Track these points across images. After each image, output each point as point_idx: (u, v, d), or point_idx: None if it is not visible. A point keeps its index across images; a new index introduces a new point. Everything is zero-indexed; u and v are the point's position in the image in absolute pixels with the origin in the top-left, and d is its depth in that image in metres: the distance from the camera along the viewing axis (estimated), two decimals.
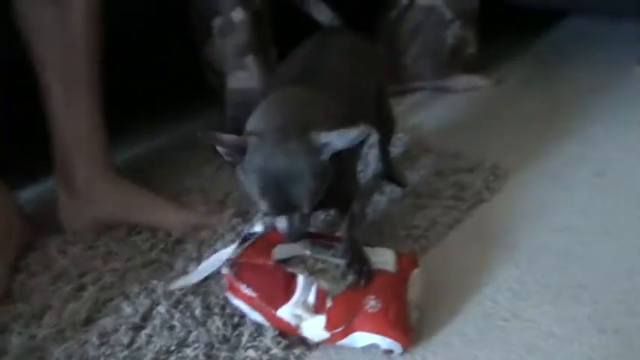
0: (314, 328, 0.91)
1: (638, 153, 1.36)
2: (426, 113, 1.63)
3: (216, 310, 1.00)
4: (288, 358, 0.91)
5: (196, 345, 0.94)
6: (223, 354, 0.92)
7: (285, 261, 0.96)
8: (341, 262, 0.95)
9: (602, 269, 1.04)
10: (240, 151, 0.89)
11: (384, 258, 0.96)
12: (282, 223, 0.91)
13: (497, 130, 1.51)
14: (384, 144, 1.30)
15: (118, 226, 1.23)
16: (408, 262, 0.97)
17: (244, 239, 1.02)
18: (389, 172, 1.31)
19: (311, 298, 0.91)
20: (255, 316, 0.95)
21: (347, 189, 1.03)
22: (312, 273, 0.93)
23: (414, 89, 1.74)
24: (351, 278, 0.93)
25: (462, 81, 1.75)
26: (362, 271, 0.94)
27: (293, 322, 0.91)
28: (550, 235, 1.13)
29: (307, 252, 0.96)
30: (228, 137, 0.90)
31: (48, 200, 1.31)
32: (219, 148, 0.90)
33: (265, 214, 0.96)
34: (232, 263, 0.97)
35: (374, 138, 1.33)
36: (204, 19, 1.43)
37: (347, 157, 0.98)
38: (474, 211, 1.21)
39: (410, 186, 1.28)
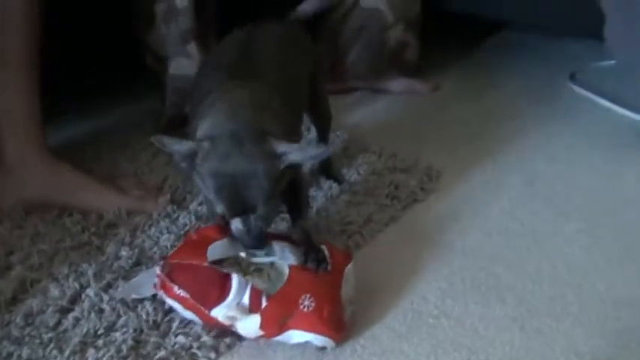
0: (249, 327, 0.90)
1: (563, 164, 1.41)
2: (364, 113, 1.65)
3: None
4: (219, 346, 0.91)
5: (125, 330, 0.93)
6: (152, 339, 0.91)
7: (220, 262, 0.93)
8: (276, 259, 0.94)
9: (527, 273, 1.08)
10: (192, 156, 0.88)
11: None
12: (237, 225, 0.90)
13: (433, 133, 1.55)
14: (321, 137, 1.31)
15: (49, 207, 1.20)
16: (341, 257, 0.98)
17: None
18: (327, 168, 1.32)
19: (246, 299, 0.90)
20: (188, 314, 0.93)
21: (296, 186, 1.03)
22: (247, 273, 0.92)
23: (354, 89, 1.76)
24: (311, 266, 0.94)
25: (401, 84, 1.78)
26: (319, 259, 0.95)
27: (227, 322, 0.90)
28: (481, 237, 1.17)
29: (242, 253, 0.94)
30: (180, 145, 0.89)
31: None
32: (176, 156, 0.91)
33: (221, 217, 0.94)
34: (164, 264, 0.95)
35: (312, 134, 1.34)
36: (148, 3, 1.42)
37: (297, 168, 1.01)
38: (408, 210, 1.24)
39: (347, 183, 1.30)
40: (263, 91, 0.98)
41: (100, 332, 0.92)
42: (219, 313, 0.90)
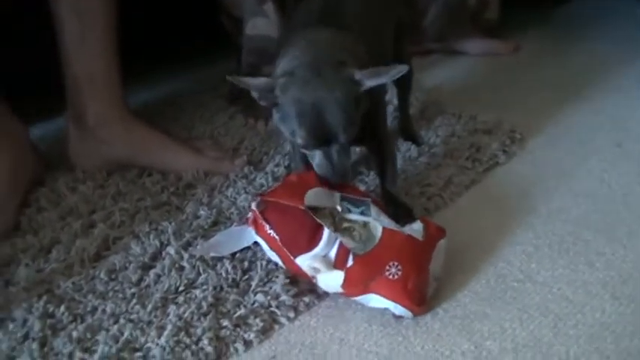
0: (330, 282, 0.88)
1: None
2: (443, 75, 1.61)
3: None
4: (298, 305, 0.91)
5: (205, 287, 0.93)
6: (232, 297, 0.91)
7: (315, 209, 0.90)
8: (370, 220, 0.90)
9: (618, 238, 1.03)
10: (271, 90, 0.89)
11: (411, 225, 0.92)
12: (319, 158, 0.91)
13: (515, 95, 1.49)
14: (403, 95, 1.28)
15: (129, 168, 1.22)
16: (435, 231, 0.93)
17: None
18: (406, 128, 1.29)
19: (332, 253, 0.88)
20: (273, 255, 0.93)
21: (377, 130, 1.02)
22: (339, 229, 0.89)
23: (432, 51, 1.72)
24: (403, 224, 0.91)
25: (480, 45, 1.73)
26: (407, 215, 0.94)
27: (310, 272, 0.89)
28: (567, 201, 1.12)
29: (338, 207, 0.90)
30: (257, 80, 0.90)
31: (58, 138, 1.30)
32: (253, 93, 0.90)
33: (303, 147, 0.93)
34: (260, 201, 0.94)
35: (390, 94, 1.31)
36: None
37: (377, 99, 1.00)
38: (489, 173, 1.20)
39: (426, 145, 1.26)
40: (346, 36, 0.97)
41: (180, 289, 0.93)
42: (304, 262, 0.89)
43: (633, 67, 1.59)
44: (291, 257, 0.89)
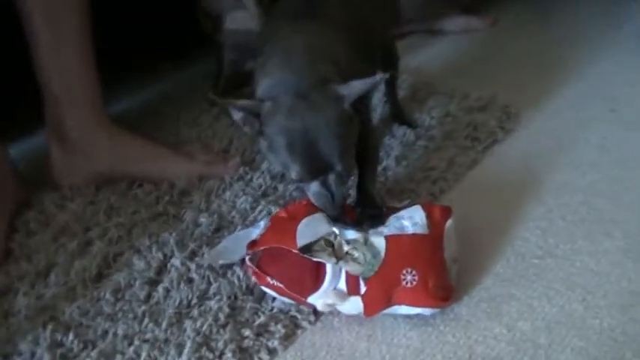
0: (351, 308, 0.84)
1: None
2: (425, 55, 1.59)
3: None
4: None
5: (219, 297, 0.89)
6: (249, 305, 0.87)
7: (310, 247, 0.83)
8: (367, 234, 0.85)
9: (628, 203, 1.01)
10: (255, 115, 0.83)
11: (413, 220, 0.86)
12: (315, 189, 0.85)
13: (502, 69, 1.47)
14: (391, 80, 1.24)
15: (118, 180, 1.16)
16: (439, 215, 0.88)
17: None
18: (398, 114, 1.26)
19: (342, 284, 0.83)
20: (286, 300, 0.87)
21: (366, 136, 0.96)
22: (340, 257, 0.83)
23: (409, 32, 1.69)
24: (367, 228, 0.86)
25: (458, 22, 1.72)
26: (374, 216, 0.89)
27: (326, 309, 0.85)
28: (572, 171, 1.10)
29: (334, 229, 0.84)
30: (241, 102, 0.85)
31: (37, 156, 1.24)
32: (235, 117, 0.85)
33: (297, 181, 0.87)
34: (253, 254, 0.87)
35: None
36: None
37: (363, 103, 0.95)
38: (490, 151, 1.17)
39: (422, 128, 1.23)
40: (326, 34, 0.92)
41: (193, 302, 0.89)
42: (317, 301, 0.84)
43: (615, 31, 1.59)
44: (303, 299, 0.85)
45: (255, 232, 0.93)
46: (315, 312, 0.87)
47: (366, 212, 0.91)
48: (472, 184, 1.10)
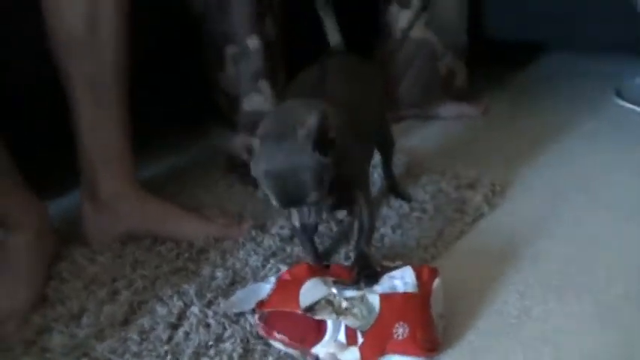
0: (350, 357, 0.96)
1: (618, 171, 1.49)
2: (419, 137, 1.74)
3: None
4: None
5: (233, 340, 1.01)
6: (260, 347, 0.99)
7: (312, 307, 0.96)
8: (365, 292, 0.98)
9: (598, 272, 1.14)
10: (249, 152, 0.98)
11: (404, 280, 1.00)
12: (294, 216, 1.05)
13: (489, 151, 1.63)
14: (387, 162, 1.40)
15: (142, 238, 1.29)
16: (427, 275, 1.02)
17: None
18: (394, 188, 1.40)
19: (341, 336, 0.96)
20: (291, 351, 0.99)
21: (356, 194, 1.10)
22: (340, 313, 0.95)
23: (406, 117, 1.84)
24: (363, 286, 0.99)
25: (452, 109, 1.86)
26: (369, 276, 1.02)
27: (328, 358, 0.97)
28: (548, 242, 1.23)
29: (333, 290, 0.98)
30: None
31: (68, 214, 1.37)
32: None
33: (278, 208, 1.02)
34: (262, 313, 1.01)
35: (376, 158, 1.43)
36: (218, 46, 1.51)
37: (359, 165, 1.11)
38: (477, 224, 1.31)
39: (416, 202, 1.37)
40: (322, 104, 1.01)
41: (210, 344, 1.01)
42: (320, 350, 0.96)
43: (594, 117, 1.77)
44: (308, 349, 0.97)
45: (265, 287, 1.07)
46: (318, 359, 0.98)
47: (363, 272, 1.04)
48: (459, 252, 1.23)
